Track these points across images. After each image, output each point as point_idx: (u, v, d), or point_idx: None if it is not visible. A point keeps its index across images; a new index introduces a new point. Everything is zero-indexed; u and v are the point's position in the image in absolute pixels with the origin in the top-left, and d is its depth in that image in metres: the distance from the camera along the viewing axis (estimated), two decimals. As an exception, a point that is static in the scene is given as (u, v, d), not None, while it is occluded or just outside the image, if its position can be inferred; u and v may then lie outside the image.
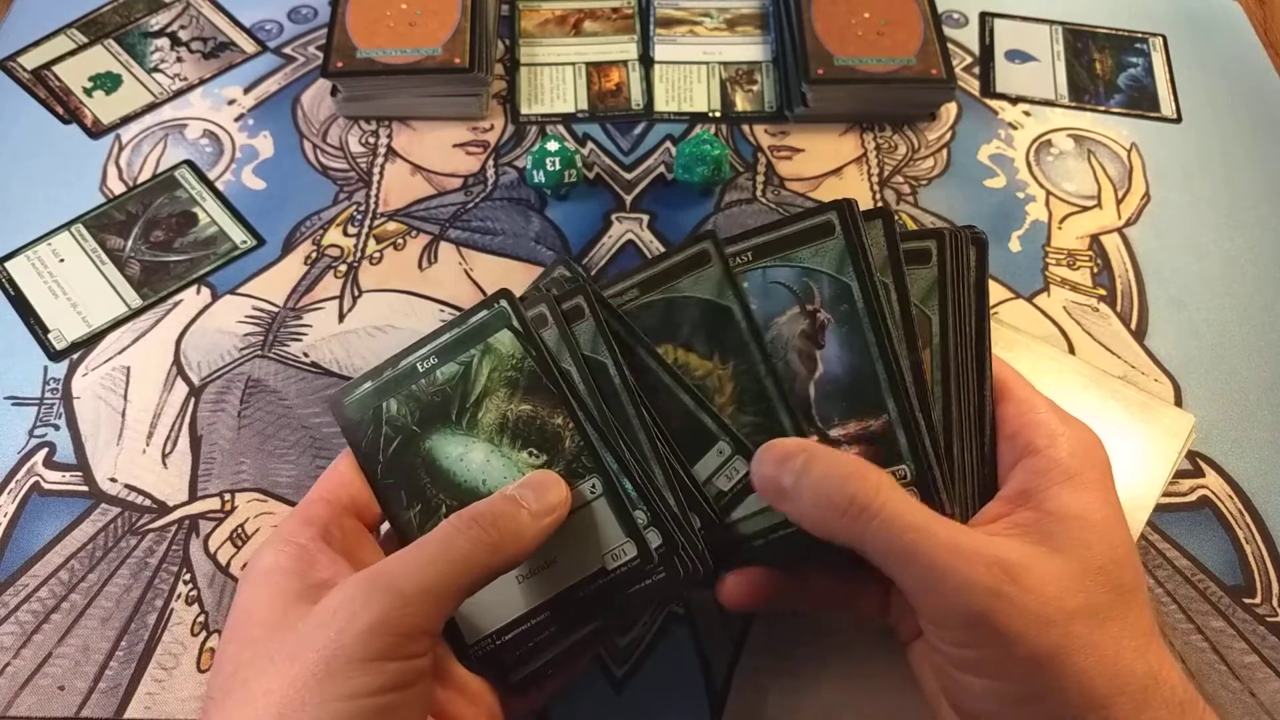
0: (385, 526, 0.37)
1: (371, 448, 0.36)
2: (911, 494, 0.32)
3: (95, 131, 0.59)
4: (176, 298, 0.52)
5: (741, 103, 0.61)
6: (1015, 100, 0.62)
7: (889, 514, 0.29)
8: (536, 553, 0.32)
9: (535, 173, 0.55)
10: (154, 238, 0.54)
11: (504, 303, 0.36)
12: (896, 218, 0.55)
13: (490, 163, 0.58)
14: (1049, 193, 0.57)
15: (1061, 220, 0.56)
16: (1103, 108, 0.62)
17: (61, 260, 0.53)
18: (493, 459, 0.35)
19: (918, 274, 0.36)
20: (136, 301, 0.52)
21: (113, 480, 0.46)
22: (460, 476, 0.35)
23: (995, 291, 0.53)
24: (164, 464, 0.46)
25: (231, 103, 0.61)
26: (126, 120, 0.60)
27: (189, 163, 0.58)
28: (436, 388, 0.36)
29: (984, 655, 0.29)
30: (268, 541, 0.33)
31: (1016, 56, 0.65)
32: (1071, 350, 0.51)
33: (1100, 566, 0.29)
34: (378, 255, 0.54)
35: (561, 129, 0.60)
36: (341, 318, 0.52)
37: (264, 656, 0.28)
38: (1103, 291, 0.53)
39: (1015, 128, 0.61)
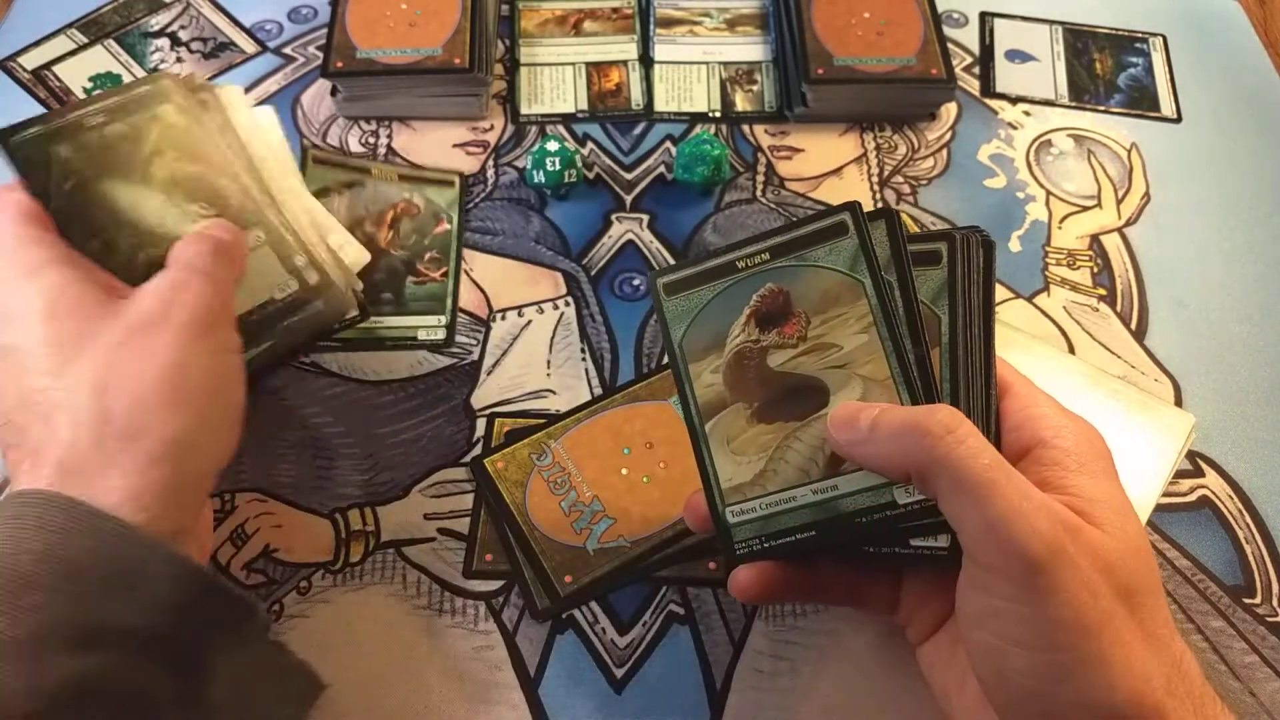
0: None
1: (41, 186, 0.39)
2: None
3: (95, 131, 0.59)
4: (176, 298, 0.52)
5: (741, 103, 0.61)
6: (1015, 100, 0.62)
7: (973, 445, 0.29)
8: None
9: (535, 173, 0.55)
10: (154, 237, 0.54)
11: None
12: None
13: (490, 163, 0.58)
14: (1049, 192, 0.57)
15: (1061, 220, 0.56)
16: (1103, 107, 0.62)
17: (61, 260, 0.53)
18: (167, 209, 0.41)
19: (928, 275, 0.36)
20: (136, 301, 0.52)
21: (113, 480, 0.46)
22: (140, 220, 0.41)
23: (996, 291, 0.53)
24: (164, 464, 0.46)
25: (231, 103, 0.61)
26: (126, 120, 0.60)
27: (189, 163, 0.58)
28: (108, 142, 0.41)
29: (1031, 617, 0.28)
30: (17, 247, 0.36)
31: (1016, 56, 0.65)
32: (1071, 350, 0.51)
33: (1133, 550, 0.29)
34: (378, 255, 0.54)
35: (561, 129, 0.60)
36: (341, 318, 0.52)
37: (127, 327, 0.34)
38: (1103, 291, 0.53)
39: (1015, 127, 0.61)
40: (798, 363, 0.35)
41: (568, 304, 0.52)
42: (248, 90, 0.61)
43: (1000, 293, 0.53)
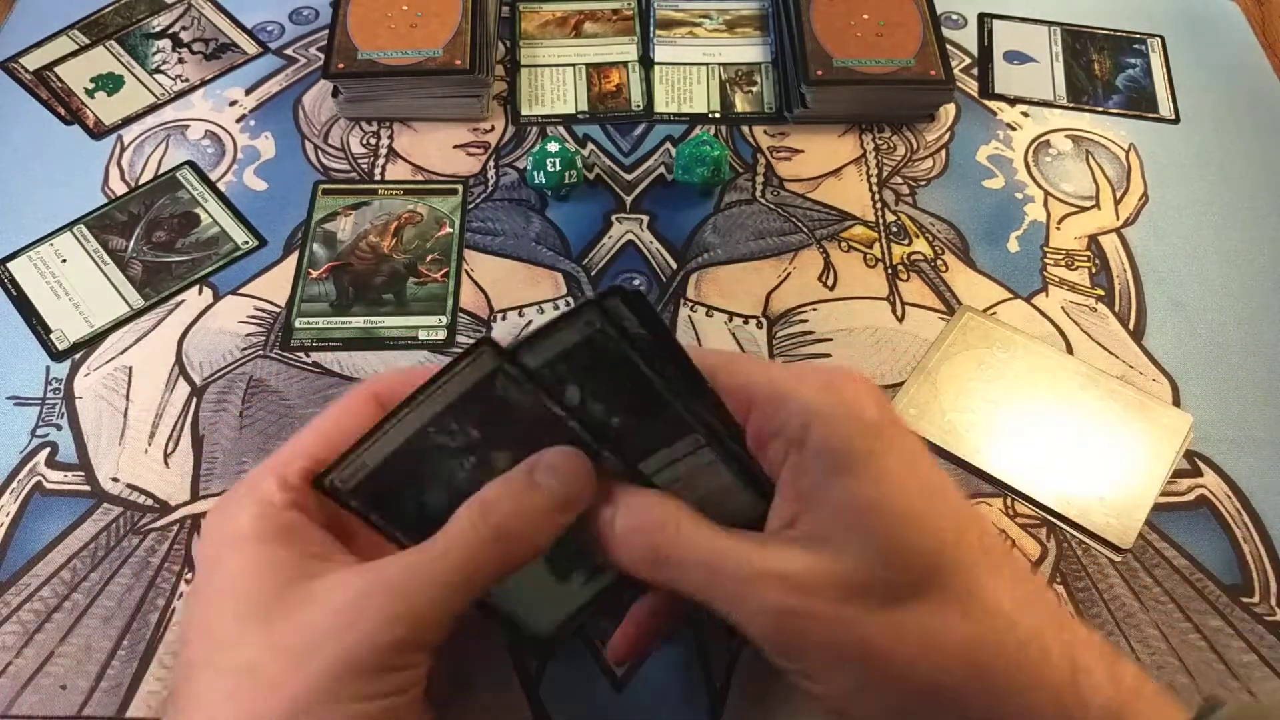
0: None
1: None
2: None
3: (97, 132, 0.59)
4: (178, 298, 0.52)
5: (741, 104, 0.62)
6: (1014, 101, 0.62)
7: (685, 559, 0.29)
8: None
9: (536, 174, 0.56)
10: (156, 238, 0.54)
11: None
12: (897, 217, 0.55)
13: (491, 164, 0.58)
14: (1047, 193, 0.58)
15: (1060, 221, 0.56)
16: (1101, 108, 0.62)
17: (64, 261, 0.54)
18: None
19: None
20: (138, 302, 0.52)
21: (115, 480, 0.46)
22: None
23: (993, 292, 0.53)
24: (166, 464, 0.47)
25: (233, 104, 0.61)
26: (128, 121, 0.60)
27: (191, 163, 0.58)
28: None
29: (815, 669, 0.28)
30: (238, 499, 0.30)
31: (1015, 57, 0.65)
32: (1070, 350, 0.51)
33: (890, 548, 0.27)
34: (379, 256, 0.54)
35: (562, 130, 0.60)
36: (342, 318, 0.52)
37: (266, 647, 0.27)
38: (1101, 292, 0.53)
39: (1014, 128, 0.61)
40: None
41: (568, 304, 0.52)
42: (249, 92, 0.61)
43: (998, 293, 0.53)
